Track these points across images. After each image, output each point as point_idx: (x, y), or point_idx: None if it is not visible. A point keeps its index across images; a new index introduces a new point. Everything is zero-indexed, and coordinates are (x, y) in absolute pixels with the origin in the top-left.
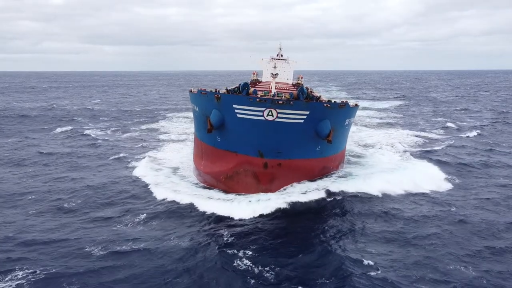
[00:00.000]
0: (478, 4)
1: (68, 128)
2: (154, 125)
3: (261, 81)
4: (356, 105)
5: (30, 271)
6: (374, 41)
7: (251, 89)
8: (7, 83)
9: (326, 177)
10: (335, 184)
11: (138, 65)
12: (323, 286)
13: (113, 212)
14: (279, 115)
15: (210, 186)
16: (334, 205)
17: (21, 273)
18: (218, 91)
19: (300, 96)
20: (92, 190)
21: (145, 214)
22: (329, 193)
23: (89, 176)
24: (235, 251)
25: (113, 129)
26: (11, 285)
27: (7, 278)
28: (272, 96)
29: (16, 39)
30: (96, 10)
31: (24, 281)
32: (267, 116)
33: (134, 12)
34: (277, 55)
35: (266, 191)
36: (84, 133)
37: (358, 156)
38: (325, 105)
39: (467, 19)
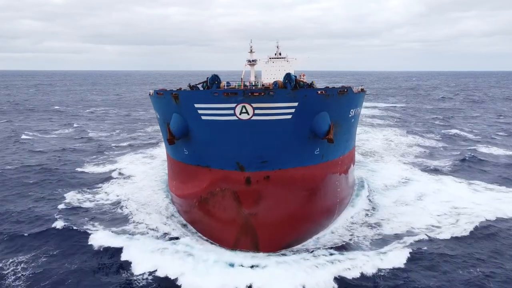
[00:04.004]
0: (479, 4)
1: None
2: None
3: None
4: (362, 90)
5: None
6: (375, 41)
7: (223, 83)
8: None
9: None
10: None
11: (138, 65)
12: None
13: None
14: (256, 112)
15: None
16: None
17: None
18: (180, 89)
19: (287, 85)
20: None
21: None
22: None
23: None
24: None
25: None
26: None
27: None
28: (245, 86)
29: (17, 38)
30: (97, 10)
31: None
32: (240, 114)
33: (135, 12)
34: (275, 54)
35: (250, 217)
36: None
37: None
38: (319, 92)
39: (468, 20)
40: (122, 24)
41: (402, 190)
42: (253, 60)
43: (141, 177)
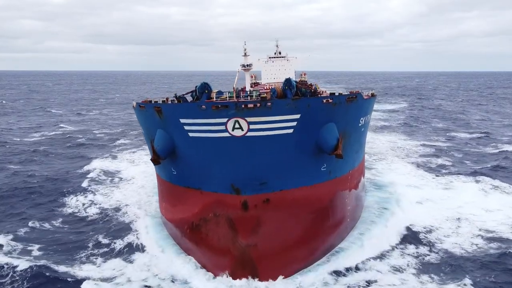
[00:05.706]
0: (480, 5)
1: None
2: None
3: (260, 84)
4: (372, 95)
5: None
6: (375, 41)
7: (214, 92)
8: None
9: None
10: None
11: (138, 65)
12: None
13: None
14: (251, 127)
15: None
16: None
17: None
18: (167, 100)
19: (288, 93)
20: None
21: None
22: None
23: None
24: None
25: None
26: None
27: None
28: (238, 96)
29: (17, 38)
30: (97, 9)
31: None
32: (233, 130)
33: (136, 11)
34: (275, 53)
35: (248, 248)
36: None
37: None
38: (324, 101)
39: (470, 20)
40: (123, 23)
41: (407, 194)
42: (247, 65)
43: (141, 177)
